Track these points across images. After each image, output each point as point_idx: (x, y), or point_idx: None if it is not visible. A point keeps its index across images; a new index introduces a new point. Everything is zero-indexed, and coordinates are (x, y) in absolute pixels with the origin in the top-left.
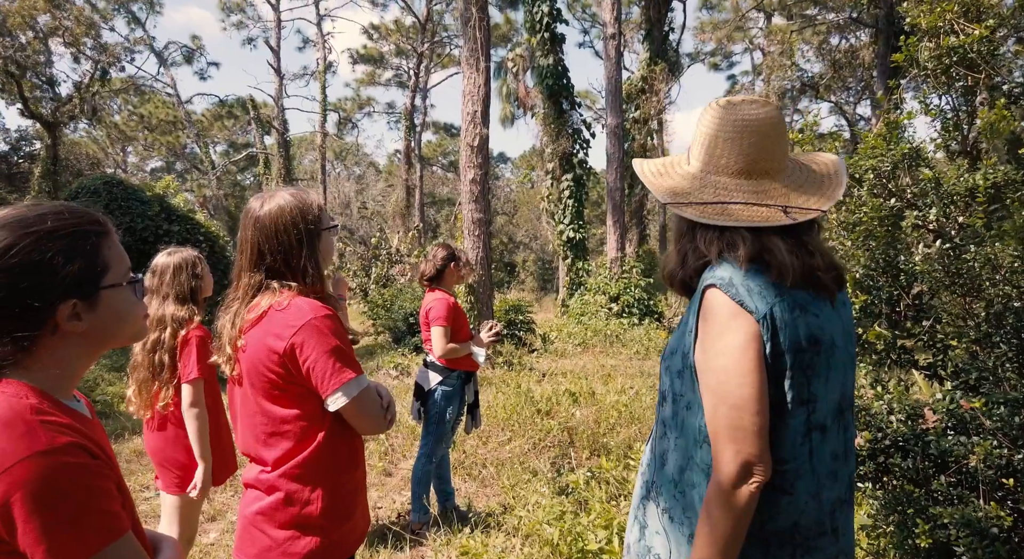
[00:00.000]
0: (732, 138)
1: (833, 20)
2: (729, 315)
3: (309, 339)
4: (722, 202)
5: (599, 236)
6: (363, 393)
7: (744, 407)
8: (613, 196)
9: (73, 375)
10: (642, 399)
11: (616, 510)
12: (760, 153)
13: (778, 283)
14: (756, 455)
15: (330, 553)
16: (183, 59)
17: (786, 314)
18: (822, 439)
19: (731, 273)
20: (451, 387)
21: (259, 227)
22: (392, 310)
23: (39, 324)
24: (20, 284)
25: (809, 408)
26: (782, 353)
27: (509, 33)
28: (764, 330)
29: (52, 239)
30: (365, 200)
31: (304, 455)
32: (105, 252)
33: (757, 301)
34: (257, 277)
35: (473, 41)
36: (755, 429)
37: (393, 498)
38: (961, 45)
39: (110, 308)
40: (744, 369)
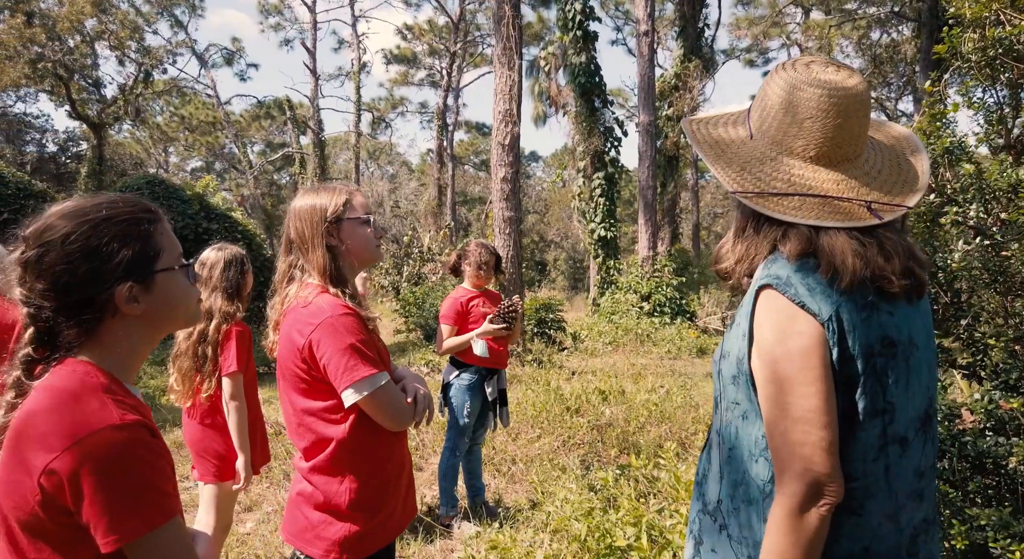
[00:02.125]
0: (813, 116)
1: (874, 14)
2: (789, 318)
3: (325, 337)
4: (800, 195)
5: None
6: (379, 390)
7: (811, 420)
8: (645, 194)
9: (136, 358)
10: (673, 398)
11: (645, 508)
12: (844, 137)
13: (833, 282)
14: (826, 474)
15: (362, 541)
16: (223, 61)
17: (855, 314)
18: (902, 453)
19: (788, 271)
20: (467, 381)
21: (289, 216)
22: (423, 308)
23: (101, 307)
24: (80, 269)
25: (886, 419)
26: (852, 358)
27: (541, 32)
28: (830, 334)
29: (108, 226)
30: (398, 199)
31: (330, 448)
32: (158, 238)
33: (820, 301)
34: (289, 259)
35: (505, 39)
36: (824, 445)
37: (423, 492)
38: (1008, 36)
39: (165, 291)
40: (809, 378)
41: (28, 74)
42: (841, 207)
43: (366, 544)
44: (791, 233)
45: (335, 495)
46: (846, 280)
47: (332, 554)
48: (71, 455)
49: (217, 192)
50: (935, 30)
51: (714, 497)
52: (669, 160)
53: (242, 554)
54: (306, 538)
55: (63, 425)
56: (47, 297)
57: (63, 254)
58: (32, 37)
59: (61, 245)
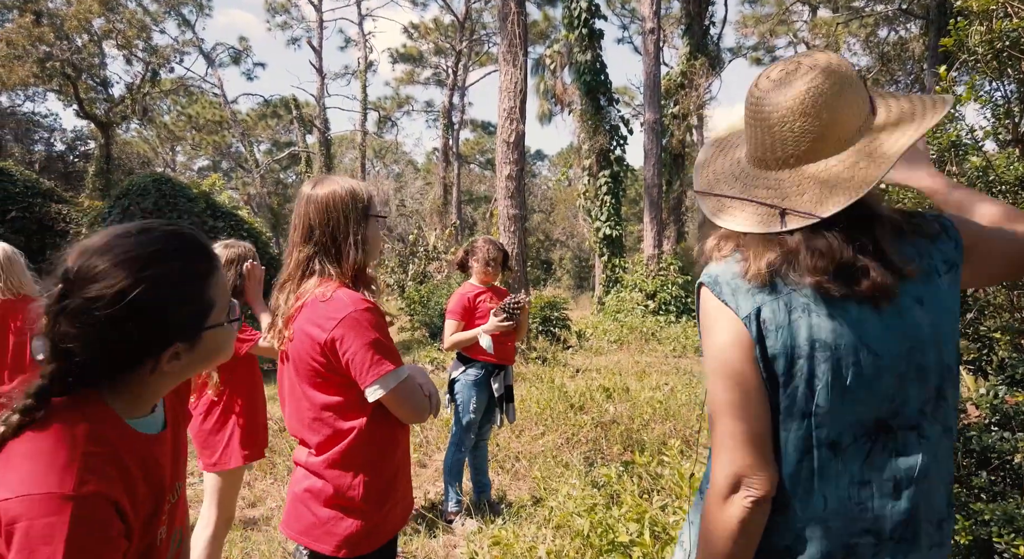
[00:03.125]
0: (751, 124)
1: (881, 12)
2: (713, 316)
3: (349, 332)
4: (722, 195)
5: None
6: (402, 385)
7: (730, 413)
8: (650, 192)
9: (155, 398)
10: (677, 396)
11: (648, 504)
12: (774, 141)
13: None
14: (747, 466)
15: (372, 535)
16: (230, 60)
17: (780, 314)
18: (833, 459)
19: (720, 270)
20: (474, 377)
21: (312, 202)
22: (428, 306)
23: (140, 365)
24: (129, 332)
25: (812, 422)
26: (774, 357)
27: (547, 30)
28: (750, 331)
29: (165, 284)
30: (403, 198)
31: (346, 442)
32: (211, 292)
33: (741, 300)
34: (307, 251)
35: (510, 36)
36: (744, 438)
37: (427, 489)
38: (1015, 29)
39: (209, 346)
40: (727, 372)
41: (36, 73)
42: (752, 211)
43: (374, 538)
44: (719, 233)
45: (349, 489)
46: (758, 278)
47: (343, 550)
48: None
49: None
50: (943, 27)
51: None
52: (675, 158)
53: (246, 549)
54: (315, 535)
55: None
56: (83, 349)
57: (112, 313)
58: (40, 36)
59: (111, 302)
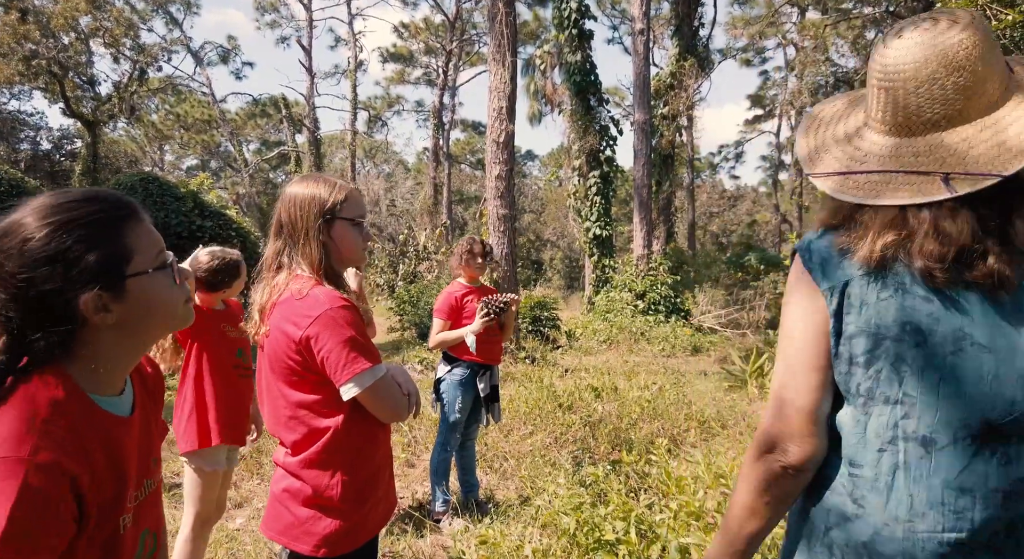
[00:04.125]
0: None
1: (869, 14)
2: (798, 281)
3: (324, 330)
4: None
5: (626, 234)
6: (378, 383)
7: (789, 381)
8: (640, 193)
9: (116, 368)
10: (666, 395)
11: (635, 503)
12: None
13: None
14: (786, 433)
15: (351, 534)
16: (219, 59)
17: (869, 292)
18: (925, 457)
19: (813, 238)
20: (459, 376)
21: (282, 197)
22: (418, 306)
23: (67, 318)
24: (39, 278)
25: (899, 411)
26: (853, 335)
27: (537, 30)
28: (830, 304)
29: (71, 228)
30: (394, 198)
31: (323, 441)
32: (129, 238)
33: (829, 271)
34: (276, 245)
35: (499, 36)
36: (793, 406)
37: (415, 488)
38: (995, 31)
39: (140, 297)
40: (800, 339)
41: (22, 71)
42: (903, 182)
43: (353, 537)
44: (828, 201)
45: (327, 488)
46: (856, 257)
47: (322, 550)
48: None
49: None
50: None
51: None
52: (664, 159)
53: (232, 550)
54: (293, 534)
55: None
56: (11, 307)
57: (21, 262)
58: (26, 34)
59: (19, 252)
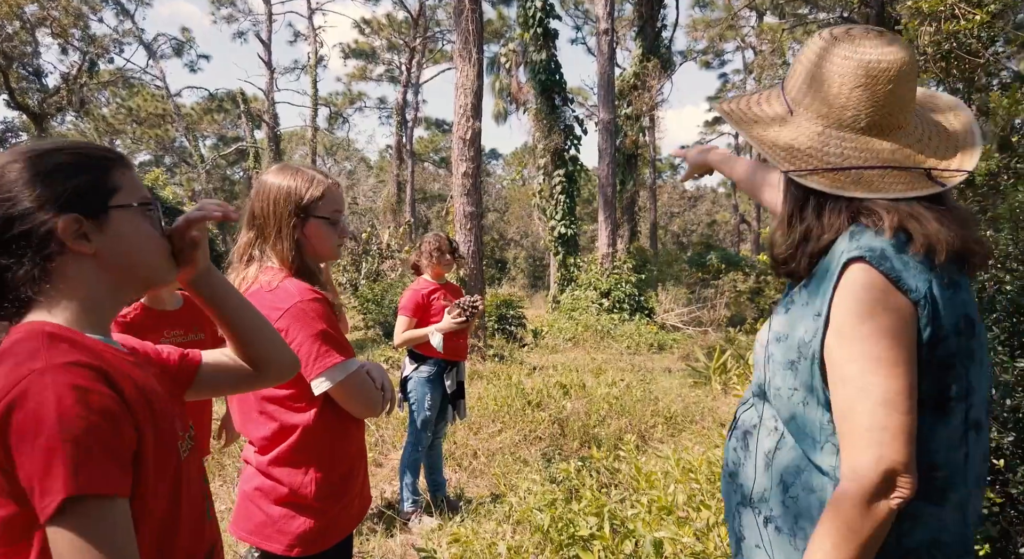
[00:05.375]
0: (863, 85)
1: (824, 19)
2: (882, 293)
3: (295, 322)
4: (855, 167)
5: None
6: (351, 377)
7: (893, 404)
8: (605, 191)
9: (98, 310)
10: (633, 392)
11: (607, 498)
12: (895, 104)
13: (928, 257)
14: (903, 463)
15: (325, 533)
16: (172, 52)
17: (943, 293)
18: (976, 439)
19: (882, 244)
20: (426, 374)
21: (256, 187)
22: (383, 305)
23: (43, 241)
24: (19, 198)
25: (968, 403)
26: (945, 338)
27: (502, 29)
28: (922, 312)
29: (56, 155)
30: (356, 195)
31: (295, 437)
32: (116, 176)
33: (916, 277)
34: (249, 234)
35: (465, 33)
36: (905, 431)
37: (383, 488)
38: (962, 30)
39: (121, 231)
40: (897, 359)
41: None
42: (901, 177)
43: (327, 536)
44: (877, 206)
45: (300, 486)
46: (942, 254)
47: (296, 549)
48: None
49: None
50: None
51: (758, 488)
52: (628, 158)
53: None
54: (265, 534)
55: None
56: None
57: (3, 181)
58: None
59: (4, 171)
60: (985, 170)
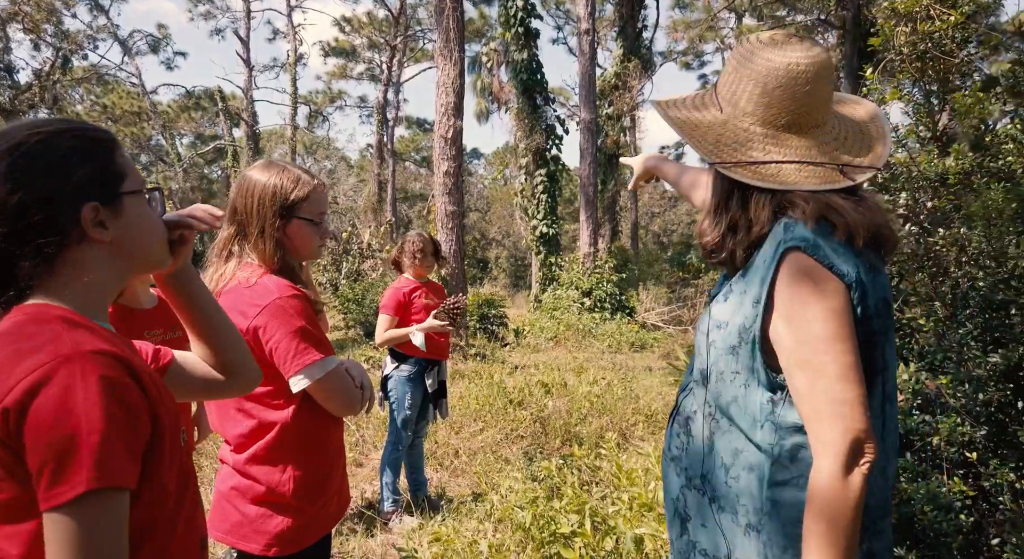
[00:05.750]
0: (783, 85)
1: (802, 21)
2: (819, 278)
3: (273, 319)
4: (775, 162)
5: (571, 233)
6: (329, 375)
7: (848, 378)
8: (586, 191)
9: (102, 296)
10: (614, 391)
11: (588, 496)
12: (813, 103)
13: (850, 244)
14: (865, 430)
15: (305, 531)
16: (148, 48)
17: (867, 275)
18: (892, 409)
19: (812, 234)
20: (407, 373)
21: (240, 182)
22: (363, 304)
23: (63, 231)
24: (35, 184)
25: (884, 376)
26: (870, 318)
27: (483, 28)
28: (855, 295)
29: (62, 138)
30: (336, 195)
31: (272, 435)
32: (119, 159)
33: (846, 263)
34: (230, 231)
35: (447, 31)
36: (862, 400)
37: (363, 488)
38: (937, 31)
39: (134, 217)
40: (842, 335)
41: None
42: (817, 172)
43: (306, 535)
44: (798, 198)
45: (279, 485)
46: (860, 240)
47: (274, 548)
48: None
49: None
50: (858, 38)
51: (700, 470)
52: (609, 158)
53: None
54: (242, 533)
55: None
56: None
57: (15, 167)
58: None
59: (9, 156)
60: (959, 169)
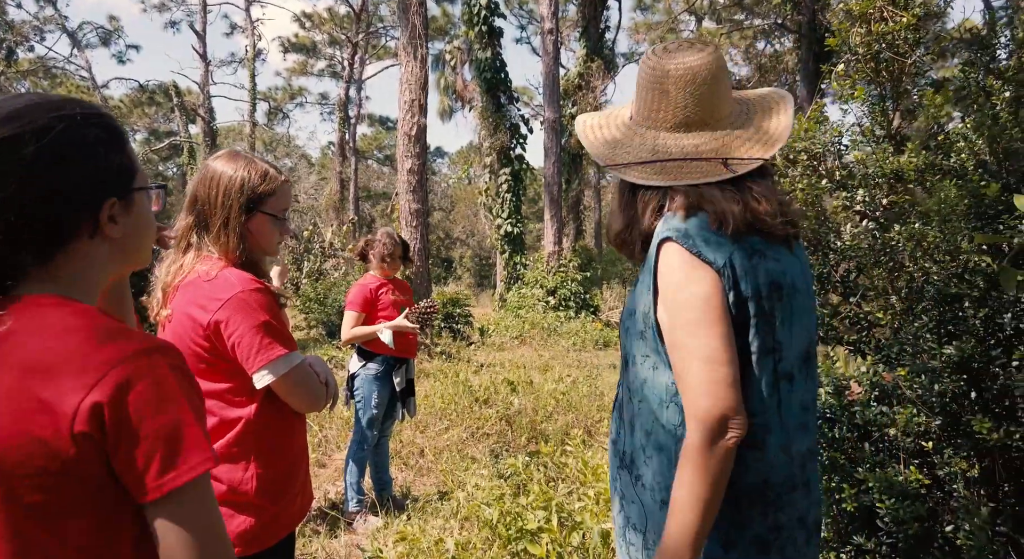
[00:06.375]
0: (667, 90)
1: (759, 25)
2: (689, 267)
3: (235, 314)
4: (659, 161)
5: (535, 232)
6: (294, 371)
7: (715, 358)
8: (551, 190)
9: (94, 290)
10: (579, 388)
11: (554, 492)
12: (697, 104)
13: (723, 231)
14: (732, 407)
15: (266, 531)
16: (99, 41)
17: (745, 261)
18: (790, 389)
19: (686, 225)
20: (374, 371)
21: (202, 172)
22: (326, 304)
23: (77, 225)
24: (62, 175)
25: (776, 357)
26: (745, 301)
27: (446, 26)
28: (724, 280)
29: (88, 127)
30: (297, 193)
31: (234, 432)
32: (131, 151)
33: (715, 251)
34: (189, 219)
35: (412, 27)
36: (729, 380)
37: (326, 489)
38: (891, 31)
39: (139, 214)
40: (710, 319)
41: None
42: (699, 166)
43: (268, 533)
44: (678, 192)
45: (241, 483)
46: (729, 227)
47: (236, 548)
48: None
49: None
50: (813, 42)
51: (628, 450)
52: (573, 158)
53: None
54: None
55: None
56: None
57: (42, 156)
58: None
59: (36, 142)
60: (913, 166)
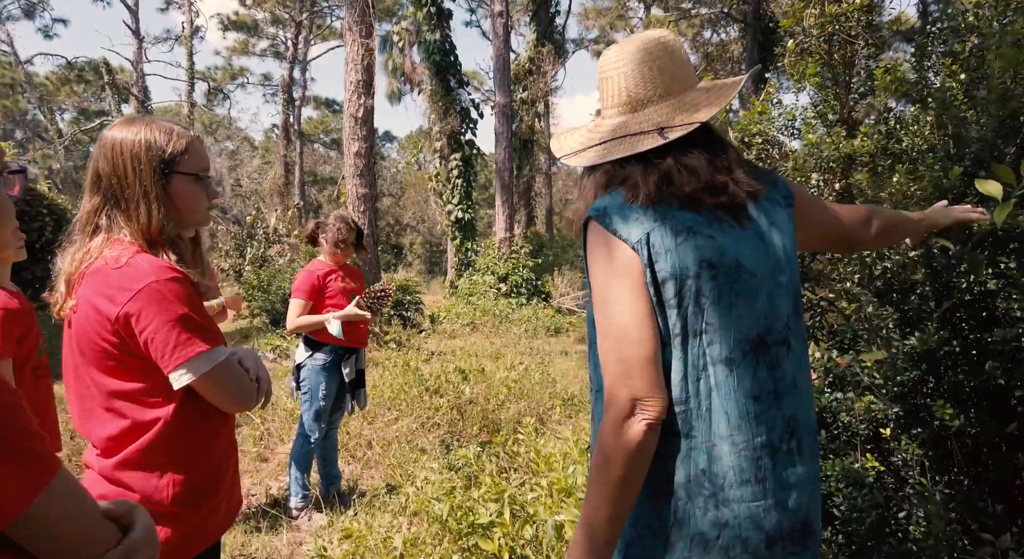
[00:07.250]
0: (611, 76)
1: (706, 14)
2: (604, 244)
3: (148, 306)
4: (602, 143)
5: (486, 218)
6: (218, 368)
7: (625, 337)
8: (502, 175)
9: None
10: (531, 375)
11: (507, 483)
12: (637, 83)
13: (656, 206)
14: (642, 388)
15: (186, 542)
16: (22, 13)
17: (667, 239)
18: (728, 375)
19: (604, 203)
20: (322, 361)
21: (101, 145)
22: (270, 291)
23: None
24: None
25: (703, 339)
26: (664, 280)
27: (394, 6)
28: (642, 257)
29: None
30: (239, 177)
31: (149, 436)
32: None
33: (632, 227)
34: (95, 200)
35: (361, 4)
36: (639, 360)
37: (269, 484)
38: (844, 13)
39: None
40: (620, 298)
41: None
42: (628, 142)
43: (189, 545)
44: (601, 172)
45: (155, 491)
46: (641, 198)
47: None
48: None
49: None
50: (758, 32)
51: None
52: (524, 143)
53: None
54: None
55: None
56: None
57: None
58: None
59: None
60: (865, 150)
